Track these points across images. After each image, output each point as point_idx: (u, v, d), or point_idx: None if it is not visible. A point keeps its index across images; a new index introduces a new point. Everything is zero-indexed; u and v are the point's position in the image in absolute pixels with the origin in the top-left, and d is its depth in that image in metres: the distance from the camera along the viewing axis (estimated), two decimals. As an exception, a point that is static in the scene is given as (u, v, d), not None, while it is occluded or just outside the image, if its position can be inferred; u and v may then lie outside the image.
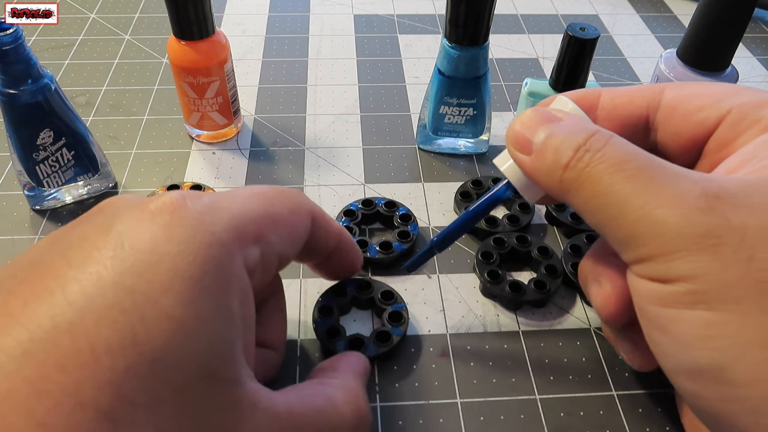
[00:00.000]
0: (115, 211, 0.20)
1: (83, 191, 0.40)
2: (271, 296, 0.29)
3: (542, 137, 0.24)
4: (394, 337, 0.31)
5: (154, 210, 0.20)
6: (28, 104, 0.34)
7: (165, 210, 0.20)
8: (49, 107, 0.35)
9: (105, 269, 0.18)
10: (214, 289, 0.19)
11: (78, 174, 0.39)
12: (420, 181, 0.42)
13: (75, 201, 0.40)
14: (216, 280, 0.19)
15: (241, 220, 0.21)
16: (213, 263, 0.19)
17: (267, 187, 0.24)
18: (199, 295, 0.19)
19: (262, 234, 0.22)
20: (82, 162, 0.38)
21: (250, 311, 0.21)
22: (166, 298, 0.18)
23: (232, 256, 0.20)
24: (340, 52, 0.55)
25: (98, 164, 0.39)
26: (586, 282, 0.28)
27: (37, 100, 0.34)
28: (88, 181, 0.40)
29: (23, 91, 0.34)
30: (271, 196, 0.24)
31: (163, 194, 0.21)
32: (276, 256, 0.23)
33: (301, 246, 0.26)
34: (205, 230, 0.20)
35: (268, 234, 0.22)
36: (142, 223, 0.19)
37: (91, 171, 0.39)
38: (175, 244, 0.19)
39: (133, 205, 0.20)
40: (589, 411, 0.30)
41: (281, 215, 0.24)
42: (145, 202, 0.20)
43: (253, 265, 0.22)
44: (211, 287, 0.19)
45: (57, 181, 0.38)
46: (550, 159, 0.23)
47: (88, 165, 0.39)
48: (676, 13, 0.63)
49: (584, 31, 0.40)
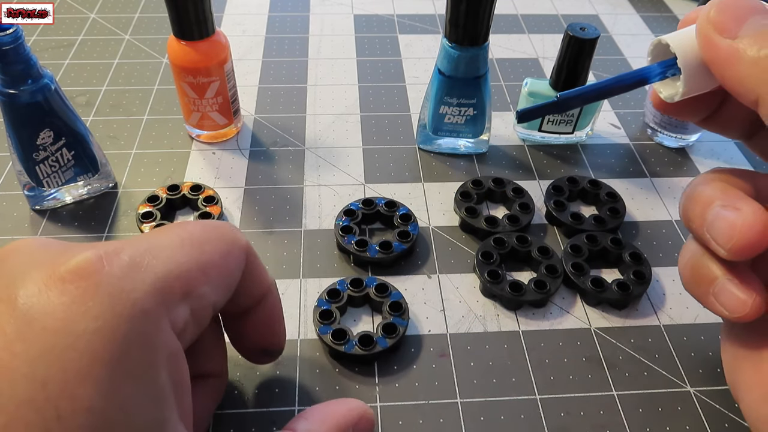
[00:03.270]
0: (20, 269, 0.18)
1: (83, 191, 0.40)
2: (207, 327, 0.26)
3: (762, 23, 0.21)
4: (400, 328, 0.32)
5: (65, 275, 0.17)
6: (28, 104, 0.34)
7: (78, 275, 0.17)
8: (49, 107, 0.35)
9: (12, 357, 0.16)
10: (138, 368, 0.17)
11: (78, 174, 0.39)
12: (420, 181, 0.42)
13: (75, 201, 0.40)
14: (140, 357, 0.17)
15: (167, 279, 0.19)
16: (136, 339, 0.17)
17: (197, 229, 0.22)
18: (122, 380, 0.17)
19: (192, 289, 0.20)
20: (82, 162, 0.38)
21: (181, 374, 0.20)
22: (83, 388, 0.16)
23: (157, 325, 0.18)
24: (340, 52, 0.55)
25: (98, 164, 0.39)
26: (709, 209, 0.24)
27: (36, 100, 0.34)
28: (88, 181, 0.40)
29: (23, 91, 0.33)
30: (201, 239, 0.21)
31: (77, 251, 0.18)
32: (209, 308, 0.21)
33: (231, 292, 0.23)
34: (126, 299, 0.17)
35: (198, 287, 0.20)
36: (52, 292, 0.17)
37: (91, 171, 0.39)
38: (91, 320, 0.17)
39: (40, 263, 0.18)
40: (589, 411, 0.30)
41: (213, 262, 0.21)
42: (54, 262, 0.18)
43: (183, 325, 0.20)
44: (135, 367, 0.17)
45: (57, 181, 0.38)
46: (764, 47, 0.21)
47: (88, 165, 0.39)
48: (676, 13, 0.63)
49: (584, 31, 0.40)
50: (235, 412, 0.30)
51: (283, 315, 0.26)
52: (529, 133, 0.46)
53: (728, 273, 0.24)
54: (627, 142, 0.47)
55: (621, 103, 0.50)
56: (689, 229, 0.25)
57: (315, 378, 0.31)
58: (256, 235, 0.38)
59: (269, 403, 0.30)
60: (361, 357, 0.31)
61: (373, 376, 0.31)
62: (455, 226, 0.39)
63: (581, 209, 0.41)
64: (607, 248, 0.37)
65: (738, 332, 0.26)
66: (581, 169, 0.44)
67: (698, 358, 0.33)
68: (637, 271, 0.35)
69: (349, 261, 0.37)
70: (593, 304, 0.35)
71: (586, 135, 0.46)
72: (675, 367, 0.32)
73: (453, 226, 0.39)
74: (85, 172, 0.39)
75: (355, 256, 0.36)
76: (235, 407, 0.30)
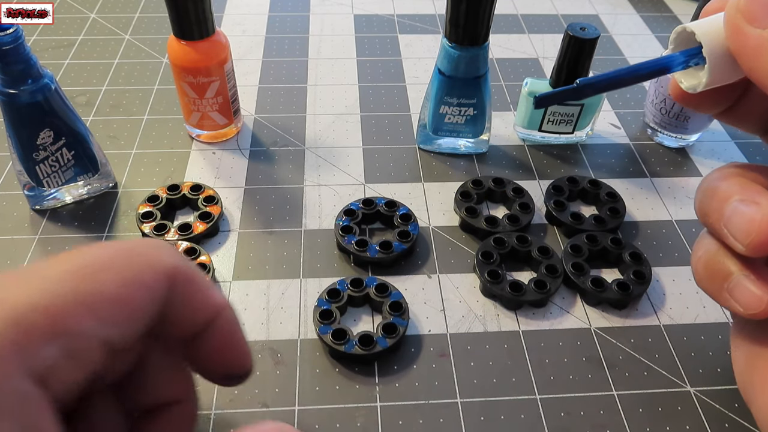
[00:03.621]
0: None
1: (83, 191, 0.40)
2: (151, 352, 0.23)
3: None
4: (400, 328, 0.32)
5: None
6: (28, 104, 0.34)
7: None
8: (49, 107, 0.35)
9: None
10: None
11: (78, 174, 0.39)
12: (420, 181, 0.42)
13: (75, 201, 0.40)
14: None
15: (24, 316, 0.16)
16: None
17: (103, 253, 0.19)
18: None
19: (66, 325, 0.17)
20: (82, 162, 0.38)
21: (44, 422, 0.17)
22: None
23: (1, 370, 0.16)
24: (340, 52, 0.55)
25: (98, 164, 0.39)
26: (726, 203, 0.23)
27: (36, 99, 0.34)
28: (88, 180, 0.40)
29: (23, 91, 0.33)
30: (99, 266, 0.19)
31: None
32: (95, 345, 0.18)
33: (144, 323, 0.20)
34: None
35: (76, 322, 0.18)
36: None
37: (91, 171, 0.39)
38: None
39: None
40: (589, 411, 0.30)
41: (105, 292, 0.18)
42: None
43: (49, 368, 0.17)
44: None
45: (57, 181, 0.38)
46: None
47: (88, 165, 0.39)
48: (676, 13, 0.63)
49: (584, 31, 0.40)
50: (235, 412, 0.30)
51: (244, 336, 0.23)
52: (529, 133, 0.46)
53: (744, 269, 0.23)
54: (627, 142, 0.47)
55: (621, 103, 0.50)
56: (705, 224, 0.24)
57: (315, 378, 0.31)
58: (256, 235, 0.38)
59: (269, 403, 0.30)
60: (361, 357, 0.31)
61: (373, 376, 0.31)
62: (455, 226, 0.39)
63: (581, 209, 0.41)
64: (607, 248, 0.37)
65: (751, 330, 0.25)
66: (581, 169, 0.44)
67: (698, 358, 0.33)
68: (637, 271, 0.35)
69: (349, 261, 0.37)
70: (593, 304, 0.35)
71: (586, 135, 0.46)
72: (675, 367, 0.32)
73: (453, 226, 0.39)
74: (85, 172, 0.39)
75: (355, 256, 0.36)
76: (235, 407, 0.30)
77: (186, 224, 0.37)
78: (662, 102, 0.44)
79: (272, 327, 0.33)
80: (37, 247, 0.37)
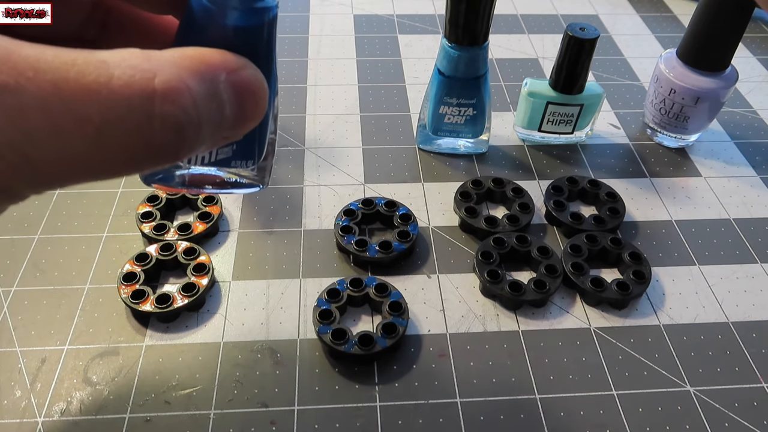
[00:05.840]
0: None
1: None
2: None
3: None
4: (399, 328, 0.32)
5: None
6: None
7: None
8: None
9: None
10: None
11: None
12: (420, 181, 0.42)
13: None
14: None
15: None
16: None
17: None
18: None
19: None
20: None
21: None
22: None
23: None
24: (340, 52, 0.55)
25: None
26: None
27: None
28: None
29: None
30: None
31: None
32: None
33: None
34: None
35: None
36: None
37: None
38: None
39: None
40: (589, 411, 0.30)
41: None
42: None
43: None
44: None
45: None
46: None
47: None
48: (676, 13, 0.63)
49: (584, 31, 0.40)
50: (235, 412, 0.30)
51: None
52: (528, 134, 0.46)
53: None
54: (627, 142, 0.47)
55: (621, 103, 0.50)
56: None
57: (315, 378, 0.31)
58: (255, 235, 0.38)
59: (269, 403, 0.30)
60: (361, 357, 0.31)
61: (373, 376, 0.31)
62: (455, 226, 0.39)
63: (581, 209, 0.41)
64: (607, 248, 0.37)
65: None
66: (581, 169, 0.44)
67: (698, 358, 0.33)
68: (637, 270, 0.35)
69: (349, 261, 0.37)
70: (593, 304, 0.35)
71: (586, 135, 0.46)
72: (675, 367, 0.32)
73: (453, 226, 0.39)
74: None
75: (354, 256, 0.36)
76: (234, 407, 0.30)
77: (186, 224, 0.37)
78: (662, 102, 0.44)
79: (272, 327, 0.33)
80: (37, 246, 0.37)
